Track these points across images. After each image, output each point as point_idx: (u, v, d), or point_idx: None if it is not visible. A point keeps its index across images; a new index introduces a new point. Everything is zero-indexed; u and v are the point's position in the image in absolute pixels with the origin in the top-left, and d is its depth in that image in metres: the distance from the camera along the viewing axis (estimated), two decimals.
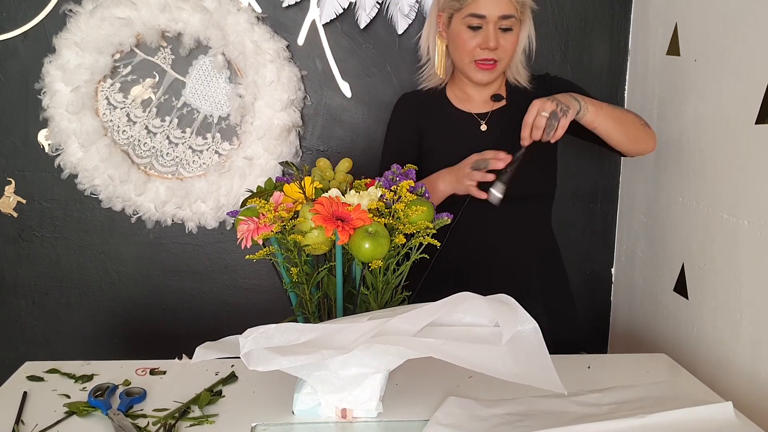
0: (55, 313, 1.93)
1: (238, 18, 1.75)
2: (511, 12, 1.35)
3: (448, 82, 1.51)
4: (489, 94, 1.47)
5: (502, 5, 1.34)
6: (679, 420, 0.98)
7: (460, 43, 1.37)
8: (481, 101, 1.48)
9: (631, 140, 1.40)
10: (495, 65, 1.38)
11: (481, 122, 1.45)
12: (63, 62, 1.74)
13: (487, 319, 0.95)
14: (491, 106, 1.47)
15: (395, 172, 1.07)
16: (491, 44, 1.34)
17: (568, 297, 1.58)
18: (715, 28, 1.44)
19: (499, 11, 1.33)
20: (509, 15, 1.34)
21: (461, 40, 1.37)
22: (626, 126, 1.38)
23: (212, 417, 0.99)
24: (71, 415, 1.00)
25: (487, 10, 1.33)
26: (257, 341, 0.89)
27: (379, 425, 0.99)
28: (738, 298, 1.34)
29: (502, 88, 1.49)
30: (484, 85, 1.45)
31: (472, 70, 1.39)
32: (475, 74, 1.40)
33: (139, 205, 1.85)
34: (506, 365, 0.90)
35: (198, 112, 1.86)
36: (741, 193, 1.34)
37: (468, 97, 1.48)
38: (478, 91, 1.47)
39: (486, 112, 1.47)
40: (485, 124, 1.45)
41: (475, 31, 1.35)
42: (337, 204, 0.98)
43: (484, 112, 1.47)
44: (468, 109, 1.47)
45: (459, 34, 1.37)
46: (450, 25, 1.40)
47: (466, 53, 1.38)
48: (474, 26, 1.35)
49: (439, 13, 1.42)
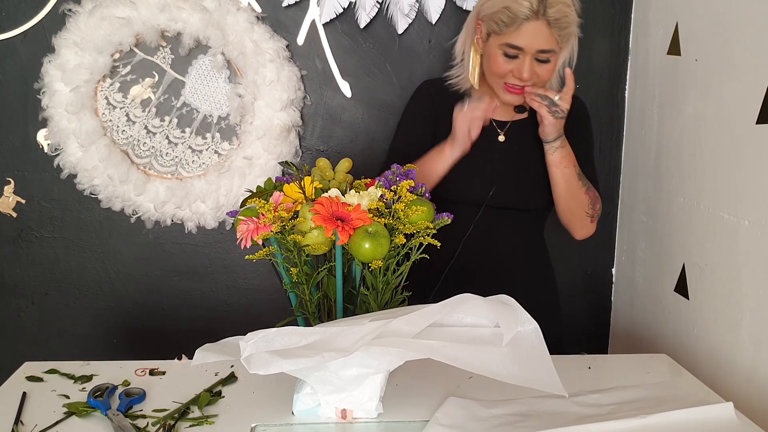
0: (54, 314, 1.93)
1: (237, 17, 1.75)
2: (550, 47, 1.27)
3: (474, 90, 1.43)
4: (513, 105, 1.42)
5: (542, 39, 1.25)
6: (680, 420, 0.98)
7: (494, 65, 1.31)
8: (502, 109, 1.41)
9: (566, 213, 1.42)
10: (523, 91, 1.32)
11: (499, 132, 1.41)
12: (62, 62, 1.74)
13: (488, 319, 0.95)
14: (512, 115, 1.42)
15: (395, 172, 1.07)
16: (525, 75, 1.28)
17: (553, 303, 1.57)
18: (716, 28, 1.44)
19: (539, 45, 1.25)
20: (548, 50, 1.27)
21: (495, 63, 1.30)
22: (571, 200, 1.39)
23: (212, 417, 0.99)
24: (70, 415, 0.99)
25: (525, 42, 1.25)
26: (258, 345, 0.88)
27: (379, 426, 0.99)
28: (739, 298, 1.34)
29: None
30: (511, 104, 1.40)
31: (501, 91, 1.34)
32: (503, 95, 1.35)
33: (139, 205, 1.85)
34: (507, 367, 0.90)
35: (197, 111, 1.86)
36: (742, 193, 1.34)
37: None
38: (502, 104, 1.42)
39: (506, 121, 1.42)
40: (503, 134, 1.41)
41: (510, 59, 1.28)
42: (337, 204, 0.98)
43: (504, 120, 1.42)
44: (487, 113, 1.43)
45: (494, 56, 1.30)
46: (487, 41, 1.32)
47: (497, 74, 1.32)
48: (509, 54, 1.28)
49: (478, 20, 1.33)
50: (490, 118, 1.38)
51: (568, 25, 1.26)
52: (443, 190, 1.36)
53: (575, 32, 1.31)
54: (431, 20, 1.82)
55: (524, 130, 1.41)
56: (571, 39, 1.32)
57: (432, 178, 1.35)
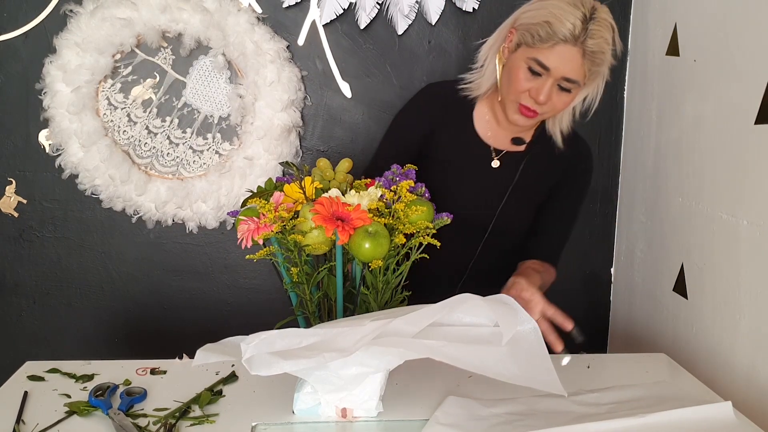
0: (55, 313, 1.93)
1: (238, 18, 1.76)
2: (577, 78, 1.19)
3: (483, 99, 1.37)
4: (513, 134, 1.36)
5: (573, 67, 1.18)
6: (679, 419, 0.98)
7: (514, 79, 1.23)
8: (503, 137, 1.36)
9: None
10: (536, 116, 1.25)
11: (494, 157, 1.36)
12: (64, 62, 1.74)
13: (487, 319, 0.95)
14: (509, 146, 1.36)
15: (395, 172, 1.07)
16: (541, 98, 1.20)
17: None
18: (715, 29, 1.44)
19: (566, 72, 1.18)
20: (574, 80, 1.20)
21: (516, 77, 1.22)
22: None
23: (212, 416, 0.99)
24: (72, 414, 1.00)
25: (554, 64, 1.17)
26: (259, 347, 0.89)
27: (379, 425, 1.00)
28: (737, 297, 1.34)
29: (529, 132, 1.37)
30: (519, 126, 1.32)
31: (512, 109, 1.26)
32: (512, 114, 1.27)
33: (140, 205, 1.86)
34: (506, 366, 0.91)
35: (198, 112, 1.87)
36: (740, 193, 1.34)
37: (493, 125, 1.37)
38: (504, 130, 1.36)
39: (501, 150, 1.36)
40: (498, 160, 1.35)
41: (533, 76, 1.20)
42: (337, 204, 0.98)
43: (500, 149, 1.36)
44: (486, 139, 1.36)
45: (517, 69, 1.22)
46: (515, 51, 1.23)
47: (513, 91, 1.24)
48: (534, 71, 1.20)
49: (511, 29, 1.25)
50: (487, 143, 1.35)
51: (602, 62, 1.20)
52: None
53: (605, 73, 1.24)
54: (431, 21, 1.82)
55: (519, 161, 1.36)
56: (599, 79, 1.25)
57: None
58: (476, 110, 1.36)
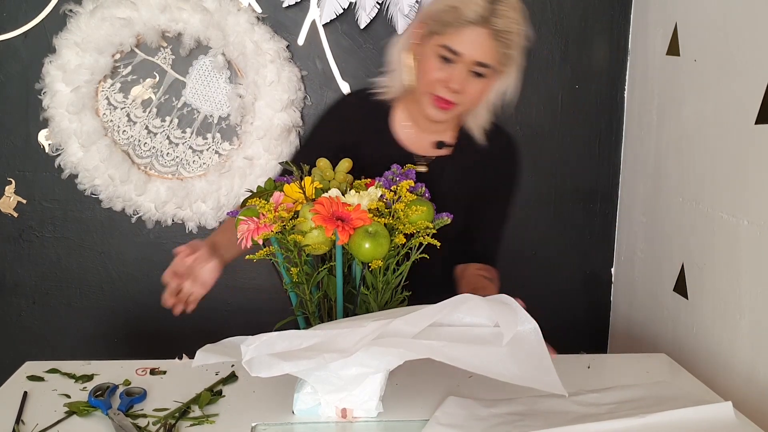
0: (55, 313, 1.93)
1: (238, 18, 1.76)
2: (489, 61, 1.15)
3: (399, 103, 1.30)
4: (436, 137, 1.29)
5: (483, 50, 1.14)
6: (679, 420, 0.98)
7: (426, 69, 1.18)
8: (425, 142, 1.29)
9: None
10: (451, 107, 1.19)
11: (418, 164, 1.27)
12: (63, 62, 1.74)
13: (487, 319, 0.95)
14: (432, 151, 1.29)
15: (395, 172, 1.07)
16: (454, 86, 1.16)
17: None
18: (715, 28, 1.44)
19: (477, 56, 1.14)
20: (486, 64, 1.15)
21: (428, 66, 1.18)
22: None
23: (212, 417, 0.99)
24: (71, 415, 1.00)
25: (464, 48, 1.13)
26: (259, 349, 0.89)
27: (379, 425, 0.99)
28: (738, 297, 1.34)
29: (450, 134, 1.31)
30: (443, 123, 1.27)
31: (427, 102, 1.20)
32: (427, 108, 1.20)
33: (140, 205, 1.85)
34: (507, 367, 0.90)
35: (198, 112, 1.86)
36: (741, 193, 1.34)
37: (413, 132, 1.30)
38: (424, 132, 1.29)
39: (425, 156, 1.29)
40: (424, 166, 1.28)
41: (446, 64, 1.16)
42: (337, 204, 0.98)
43: (425, 155, 1.29)
44: (408, 146, 1.29)
45: (428, 59, 1.17)
46: (425, 44, 1.19)
47: (426, 81, 1.18)
48: (446, 58, 1.15)
49: (420, 23, 1.21)
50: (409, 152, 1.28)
51: (512, 44, 1.16)
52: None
53: (518, 61, 1.20)
54: None
55: (446, 167, 1.29)
56: (512, 65, 1.19)
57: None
58: (395, 117, 1.30)
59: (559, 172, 1.96)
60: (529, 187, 1.96)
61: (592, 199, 1.98)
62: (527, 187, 1.96)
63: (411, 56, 1.24)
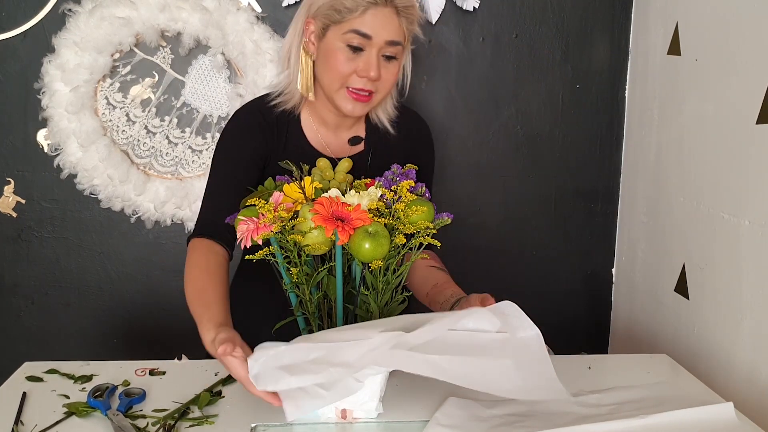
0: (54, 314, 1.93)
1: (237, 17, 1.75)
2: (399, 38, 1.12)
3: (304, 108, 1.24)
4: (348, 135, 1.25)
5: (392, 29, 1.10)
6: (680, 420, 0.98)
7: (335, 64, 1.12)
8: (339, 141, 1.25)
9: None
10: (370, 97, 1.14)
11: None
12: (62, 62, 1.74)
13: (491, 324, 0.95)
14: (349, 150, 1.25)
15: (395, 172, 1.07)
16: (372, 73, 1.11)
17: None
18: (716, 28, 1.44)
19: (388, 35, 1.10)
20: (397, 42, 1.12)
21: (336, 60, 1.12)
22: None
23: (212, 417, 0.99)
24: (70, 415, 0.99)
25: (374, 30, 1.09)
26: (266, 363, 0.89)
27: (379, 426, 0.99)
28: (739, 298, 1.34)
29: (361, 127, 1.27)
30: (353, 118, 1.22)
31: (343, 98, 1.14)
32: (345, 104, 1.15)
33: (139, 205, 1.85)
34: (510, 379, 0.90)
35: (197, 111, 1.86)
36: (742, 193, 1.34)
37: (325, 135, 1.25)
38: (337, 131, 1.25)
39: (343, 156, 1.22)
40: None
41: (356, 53, 1.11)
42: (337, 204, 0.98)
43: (341, 156, 1.22)
44: (324, 150, 1.24)
45: (334, 52, 1.12)
46: (323, 38, 1.13)
47: (338, 77, 1.13)
48: (354, 46, 1.10)
49: (308, 19, 1.15)
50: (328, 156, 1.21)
51: (414, 18, 1.14)
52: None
53: (418, 31, 1.17)
54: (431, 20, 1.82)
55: (363, 164, 1.24)
56: (409, 43, 1.17)
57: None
58: (304, 124, 1.24)
59: (559, 172, 1.96)
60: (529, 187, 1.96)
61: (592, 199, 1.98)
62: (527, 187, 1.96)
63: (306, 56, 1.18)
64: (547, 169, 1.95)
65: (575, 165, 1.96)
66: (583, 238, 1.99)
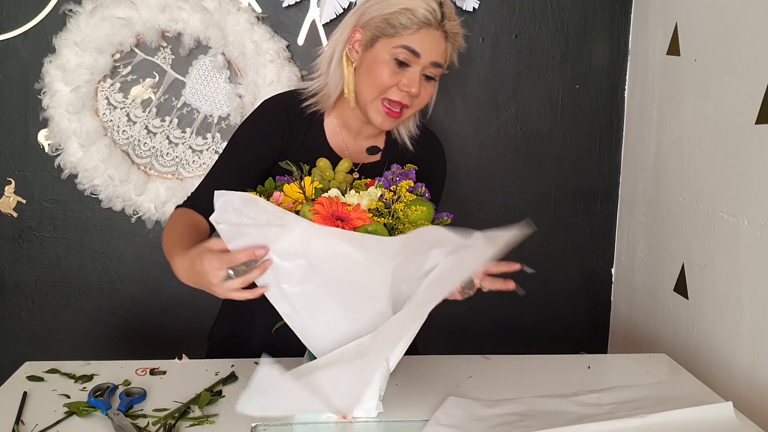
0: (55, 313, 1.93)
1: (238, 18, 1.75)
2: (442, 61, 1.16)
3: (331, 110, 1.26)
4: (367, 144, 1.28)
5: (439, 51, 1.14)
6: (680, 420, 0.98)
7: (379, 75, 1.14)
8: (359, 148, 1.27)
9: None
10: (402, 114, 1.17)
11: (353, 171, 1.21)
12: (63, 62, 1.74)
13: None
14: (366, 158, 1.27)
15: (395, 172, 1.07)
16: (414, 90, 1.14)
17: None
18: (716, 28, 1.44)
19: (434, 56, 1.14)
20: (440, 64, 1.16)
21: (381, 71, 1.14)
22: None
23: (212, 417, 0.99)
24: (71, 415, 0.99)
25: (423, 49, 1.13)
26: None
27: (379, 425, 0.99)
28: (738, 298, 1.34)
29: (381, 139, 1.30)
30: (379, 131, 1.26)
31: (376, 110, 1.17)
32: (376, 116, 1.17)
33: (139, 205, 1.85)
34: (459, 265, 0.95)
35: (198, 112, 1.86)
36: (741, 193, 1.34)
37: (346, 138, 1.27)
38: (357, 137, 1.27)
39: (358, 163, 1.25)
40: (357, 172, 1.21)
41: (401, 68, 1.14)
42: (337, 204, 0.98)
43: (357, 162, 1.25)
44: (342, 153, 1.26)
45: (381, 63, 1.14)
46: (371, 48, 1.15)
47: (379, 88, 1.15)
48: (401, 61, 1.13)
49: (356, 28, 1.17)
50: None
51: (457, 45, 1.19)
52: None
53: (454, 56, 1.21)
54: None
55: (377, 168, 1.24)
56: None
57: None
58: (326, 124, 1.26)
59: (559, 172, 1.96)
60: (529, 187, 1.96)
61: (592, 199, 1.98)
62: (527, 186, 1.96)
63: (347, 63, 1.19)
64: (546, 169, 1.96)
65: (575, 165, 1.96)
66: (583, 238, 2.00)
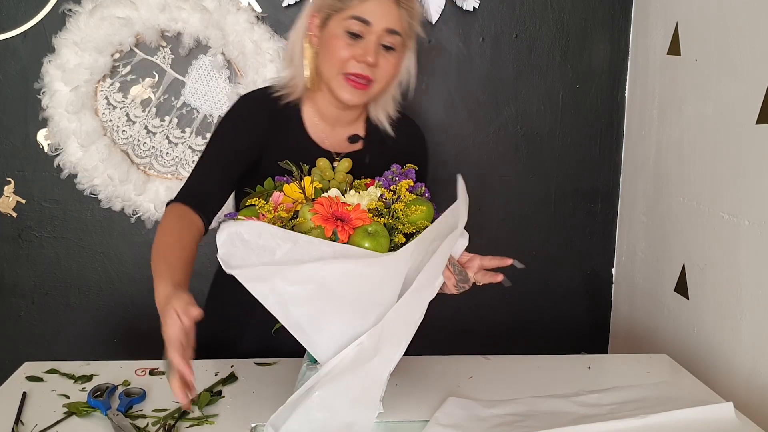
0: (54, 313, 1.93)
1: (237, 18, 1.75)
2: (398, 28, 1.16)
3: (306, 101, 1.26)
4: (347, 132, 1.28)
5: (392, 17, 1.15)
6: (680, 420, 0.98)
7: (333, 49, 1.16)
8: (339, 137, 1.27)
9: None
10: (368, 86, 1.17)
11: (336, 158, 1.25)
12: (62, 62, 1.74)
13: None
14: (347, 146, 1.27)
15: (395, 172, 1.07)
16: (370, 59, 1.14)
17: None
18: (716, 28, 1.44)
19: (387, 23, 1.14)
20: (396, 31, 1.16)
21: (335, 46, 1.15)
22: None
23: (212, 417, 0.99)
24: (71, 415, 0.99)
25: (373, 17, 1.14)
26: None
27: (379, 426, 0.99)
28: (738, 298, 1.34)
29: (361, 127, 1.30)
30: (352, 113, 1.26)
31: (340, 84, 1.17)
32: (341, 91, 1.17)
33: (139, 205, 1.85)
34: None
35: (197, 111, 1.86)
36: (741, 193, 1.34)
37: (324, 128, 1.27)
38: (335, 126, 1.27)
39: (340, 153, 1.26)
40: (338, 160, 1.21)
41: (354, 40, 1.15)
42: (337, 204, 0.98)
43: (338, 152, 1.26)
44: (323, 145, 1.26)
45: (335, 39, 1.16)
46: (325, 28, 1.18)
47: (337, 62, 1.16)
48: (354, 32, 1.14)
49: (313, 14, 1.20)
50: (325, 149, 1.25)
51: (414, 13, 1.18)
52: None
53: (418, 29, 1.22)
54: (431, 20, 1.82)
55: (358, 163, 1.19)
56: (412, 42, 1.22)
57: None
58: (305, 116, 1.27)
59: (559, 172, 1.96)
60: (529, 187, 1.96)
61: (592, 199, 1.98)
62: (527, 186, 1.96)
63: (310, 47, 1.21)
64: (546, 168, 1.96)
65: (575, 165, 1.96)
66: (583, 238, 1.99)
